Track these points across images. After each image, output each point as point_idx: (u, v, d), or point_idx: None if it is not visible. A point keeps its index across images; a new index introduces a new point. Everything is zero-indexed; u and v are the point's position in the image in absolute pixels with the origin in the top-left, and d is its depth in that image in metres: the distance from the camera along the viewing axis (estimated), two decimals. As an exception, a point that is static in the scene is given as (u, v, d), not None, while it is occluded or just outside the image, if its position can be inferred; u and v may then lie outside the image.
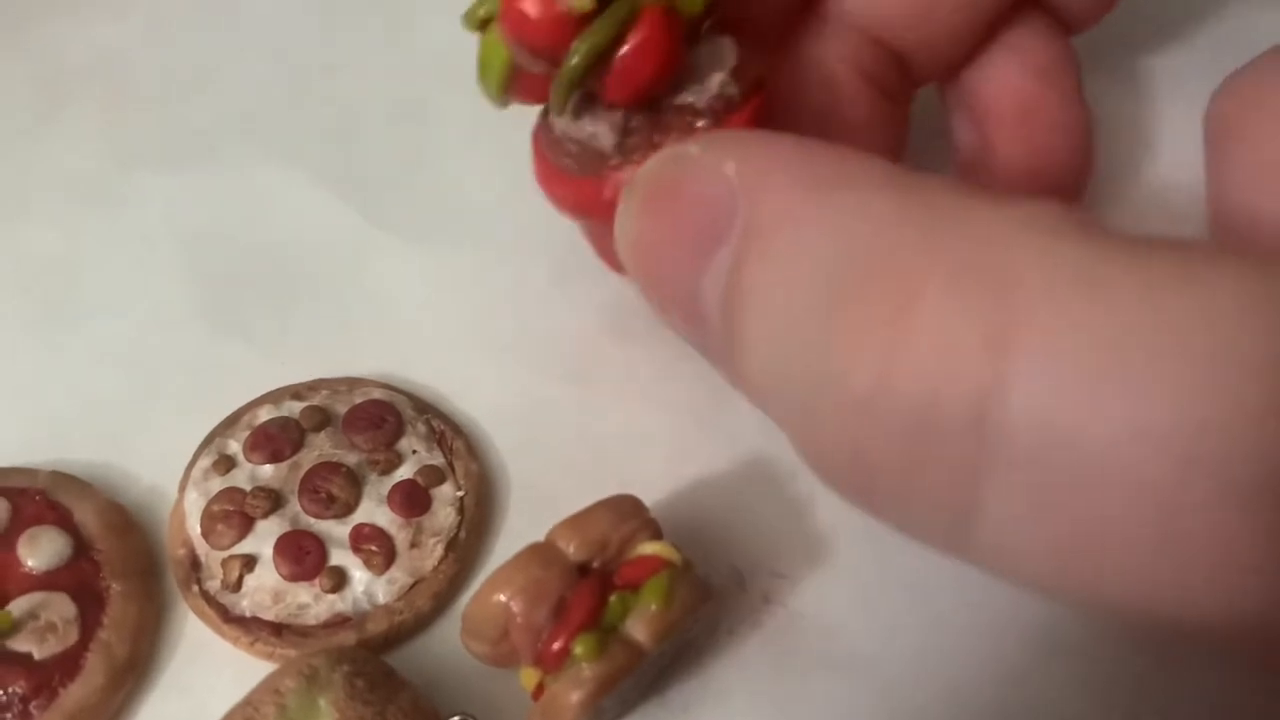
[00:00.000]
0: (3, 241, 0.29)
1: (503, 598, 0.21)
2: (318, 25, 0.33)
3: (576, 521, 0.22)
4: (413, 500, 0.24)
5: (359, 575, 0.24)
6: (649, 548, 0.22)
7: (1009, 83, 0.26)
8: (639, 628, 0.21)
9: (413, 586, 0.24)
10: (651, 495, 0.25)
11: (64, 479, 0.25)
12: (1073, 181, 0.28)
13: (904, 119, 0.27)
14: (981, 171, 0.27)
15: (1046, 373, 0.13)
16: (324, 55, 0.32)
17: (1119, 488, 0.13)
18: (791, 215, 0.17)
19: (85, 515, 0.24)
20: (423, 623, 0.24)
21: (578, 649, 0.21)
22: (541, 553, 0.22)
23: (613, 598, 0.21)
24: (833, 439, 0.16)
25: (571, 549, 0.22)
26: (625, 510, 0.22)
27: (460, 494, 0.25)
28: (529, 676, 0.21)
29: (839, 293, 0.15)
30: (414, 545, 0.24)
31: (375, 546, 0.24)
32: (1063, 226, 0.14)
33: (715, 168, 0.18)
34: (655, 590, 0.21)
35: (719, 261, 0.17)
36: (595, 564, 0.22)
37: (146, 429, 0.26)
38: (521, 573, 0.21)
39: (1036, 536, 0.14)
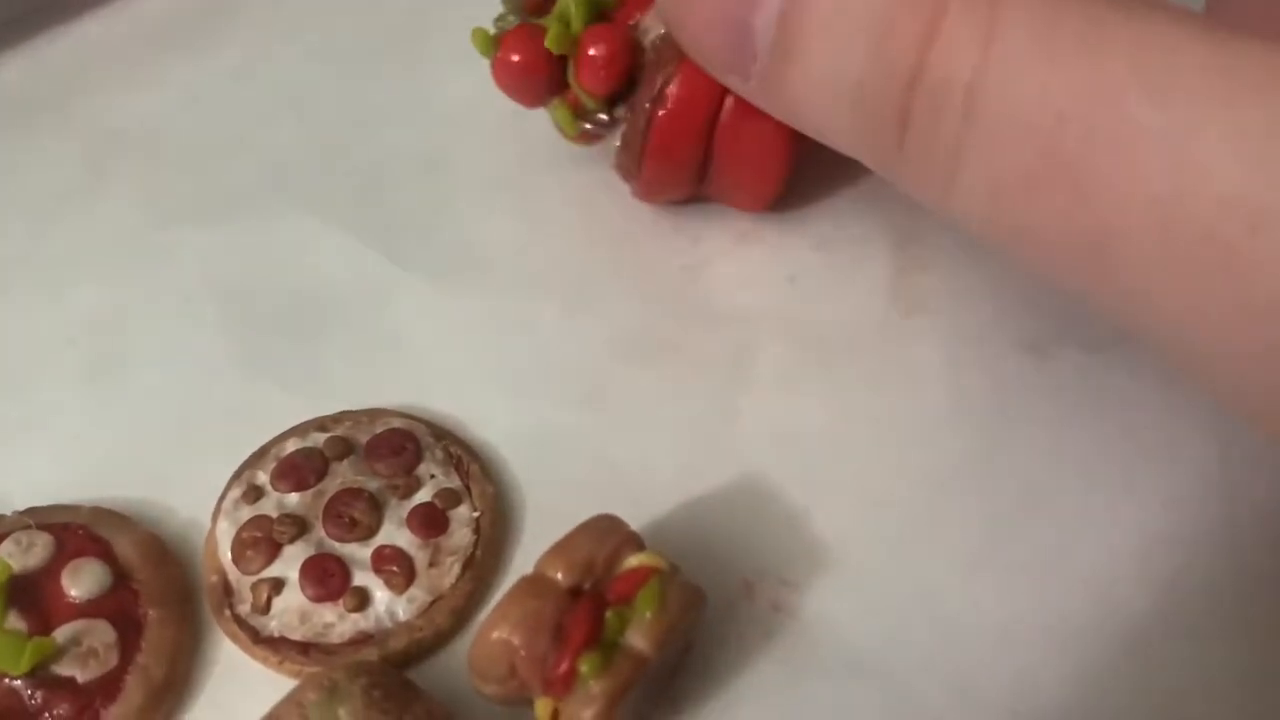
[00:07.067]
0: (51, 296, 0.31)
1: (503, 634, 0.22)
2: (342, 86, 0.34)
3: (560, 548, 0.22)
4: (431, 522, 0.25)
5: (380, 595, 0.25)
6: (635, 560, 0.22)
7: None
8: (639, 637, 0.22)
9: (432, 604, 0.25)
10: (659, 511, 0.26)
11: (105, 514, 0.26)
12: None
13: None
14: None
15: (1012, 59, 0.18)
16: (349, 113, 0.34)
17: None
18: None
19: (125, 547, 0.26)
20: (442, 639, 0.25)
21: (584, 668, 0.21)
22: (533, 584, 0.22)
23: (609, 613, 0.22)
24: (877, 110, 0.20)
25: (560, 575, 0.22)
26: (605, 529, 0.23)
27: (476, 515, 0.26)
28: (543, 707, 0.22)
29: (881, 18, 0.19)
30: (433, 565, 0.25)
31: (396, 567, 0.25)
32: None
33: None
34: (648, 598, 0.22)
35: (770, 3, 0.21)
36: (586, 585, 0.22)
37: (183, 466, 0.28)
38: (517, 606, 0.22)
39: (983, 184, 0.19)
